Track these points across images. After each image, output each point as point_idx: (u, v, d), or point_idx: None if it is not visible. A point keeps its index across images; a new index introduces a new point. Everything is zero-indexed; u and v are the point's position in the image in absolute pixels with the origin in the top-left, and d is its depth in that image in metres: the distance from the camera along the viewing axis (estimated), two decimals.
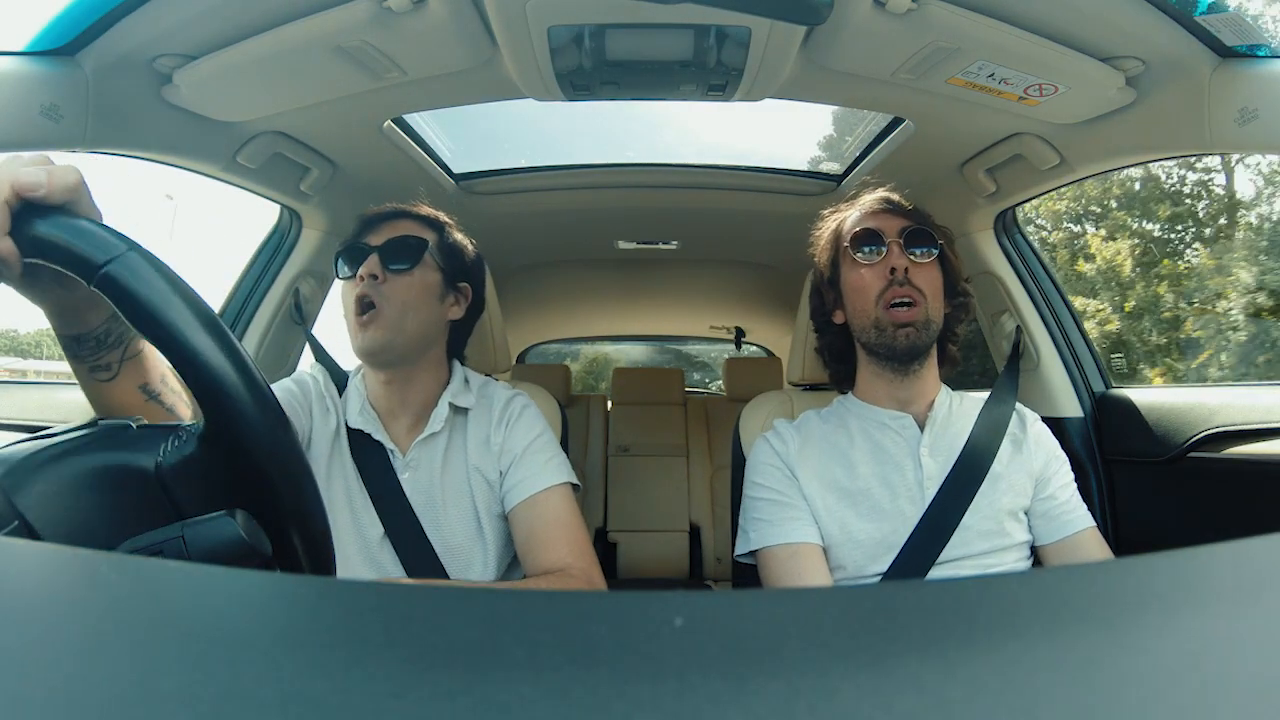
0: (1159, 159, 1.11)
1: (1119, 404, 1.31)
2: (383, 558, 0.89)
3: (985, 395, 1.02)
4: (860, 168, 1.45)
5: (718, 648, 0.19)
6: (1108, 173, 1.23)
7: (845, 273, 0.97)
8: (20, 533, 0.36)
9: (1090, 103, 1.00)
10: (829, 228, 1.03)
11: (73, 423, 0.44)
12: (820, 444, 0.95)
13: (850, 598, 0.26)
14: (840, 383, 1.05)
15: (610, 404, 2.65)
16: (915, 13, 0.85)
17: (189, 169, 1.13)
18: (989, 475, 0.91)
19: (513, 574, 0.95)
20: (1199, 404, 1.14)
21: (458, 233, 1.02)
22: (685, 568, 2.34)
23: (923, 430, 0.94)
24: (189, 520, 0.40)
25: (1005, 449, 0.94)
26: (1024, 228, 1.46)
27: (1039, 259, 1.44)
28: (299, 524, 0.42)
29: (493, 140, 1.59)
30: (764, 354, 3.21)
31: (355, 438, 0.93)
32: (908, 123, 1.21)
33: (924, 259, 0.93)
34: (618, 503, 2.39)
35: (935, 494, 0.89)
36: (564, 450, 0.99)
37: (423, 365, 0.95)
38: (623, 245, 2.00)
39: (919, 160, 1.31)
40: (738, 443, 1.11)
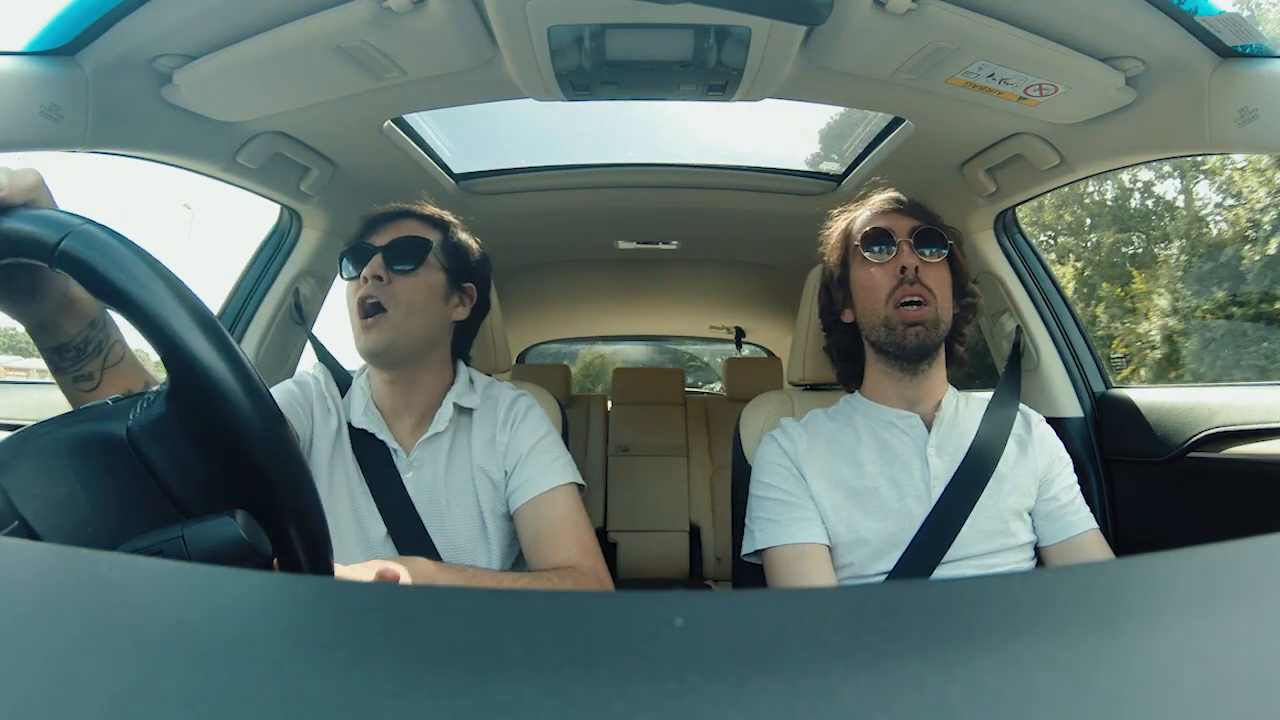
0: (1159, 159, 1.11)
1: (1119, 404, 1.31)
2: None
3: (989, 396, 1.02)
4: (860, 168, 1.45)
5: (718, 648, 0.19)
6: (1108, 172, 1.23)
7: (855, 271, 0.97)
8: (20, 532, 0.36)
9: (1090, 103, 1.00)
10: (838, 227, 1.03)
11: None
12: (828, 442, 0.95)
13: (850, 598, 0.26)
14: (848, 382, 1.05)
15: (610, 404, 2.65)
16: (915, 13, 0.85)
17: (189, 169, 1.13)
18: (994, 476, 0.91)
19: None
20: (1199, 404, 1.14)
21: (462, 232, 1.01)
22: (685, 568, 2.34)
23: (930, 430, 0.94)
24: (189, 520, 0.40)
25: (1010, 449, 0.94)
26: (1024, 228, 1.46)
27: (1039, 259, 1.44)
28: (274, 487, 0.41)
29: (493, 140, 1.59)
30: (764, 354, 3.21)
31: (359, 437, 0.93)
32: (908, 123, 1.21)
33: (934, 259, 0.93)
34: (618, 503, 2.39)
35: (941, 494, 0.89)
36: None
37: (427, 366, 0.95)
38: (623, 245, 1.99)
39: (919, 160, 1.31)
40: (738, 443, 1.11)
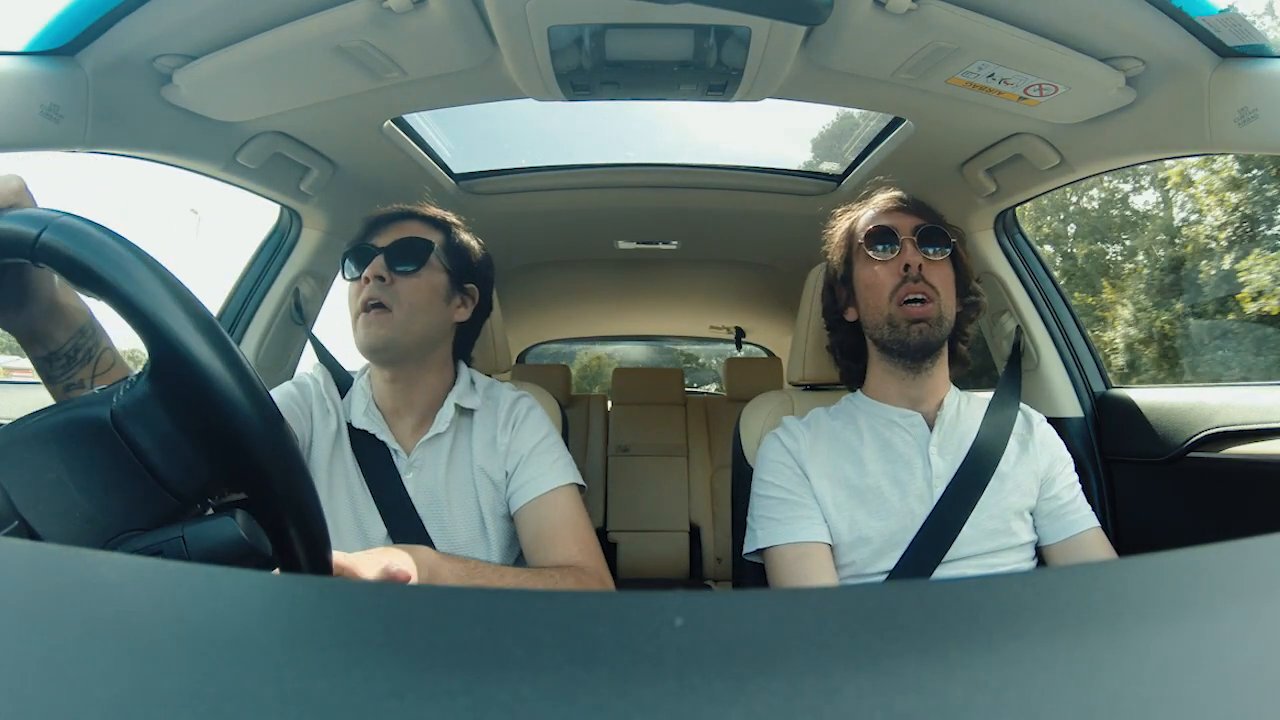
0: (1159, 159, 1.11)
1: (1119, 404, 1.31)
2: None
3: (990, 396, 1.02)
4: (860, 168, 1.45)
5: (718, 648, 0.19)
6: (1107, 172, 1.22)
7: (859, 269, 0.98)
8: (20, 532, 0.36)
9: (1090, 103, 1.00)
10: (842, 225, 1.04)
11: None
12: (830, 441, 0.95)
13: (851, 598, 0.26)
14: (850, 381, 1.05)
15: (610, 404, 2.65)
16: (915, 13, 0.85)
17: (189, 169, 1.13)
18: (996, 475, 0.91)
19: None
20: (1199, 404, 1.14)
21: (465, 233, 1.01)
22: (685, 568, 2.34)
23: (932, 429, 0.94)
24: (189, 520, 0.40)
25: (1012, 449, 0.94)
26: (1024, 228, 1.46)
27: (1039, 259, 1.44)
28: (253, 461, 0.41)
29: (493, 140, 1.59)
30: (764, 354, 3.21)
31: (359, 438, 0.93)
32: (908, 123, 1.21)
33: (937, 257, 0.93)
34: (618, 503, 2.39)
35: (942, 493, 0.90)
36: None
37: (427, 366, 0.95)
38: (623, 245, 1.99)
39: (919, 160, 1.31)
40: (738, 443, 1.11)
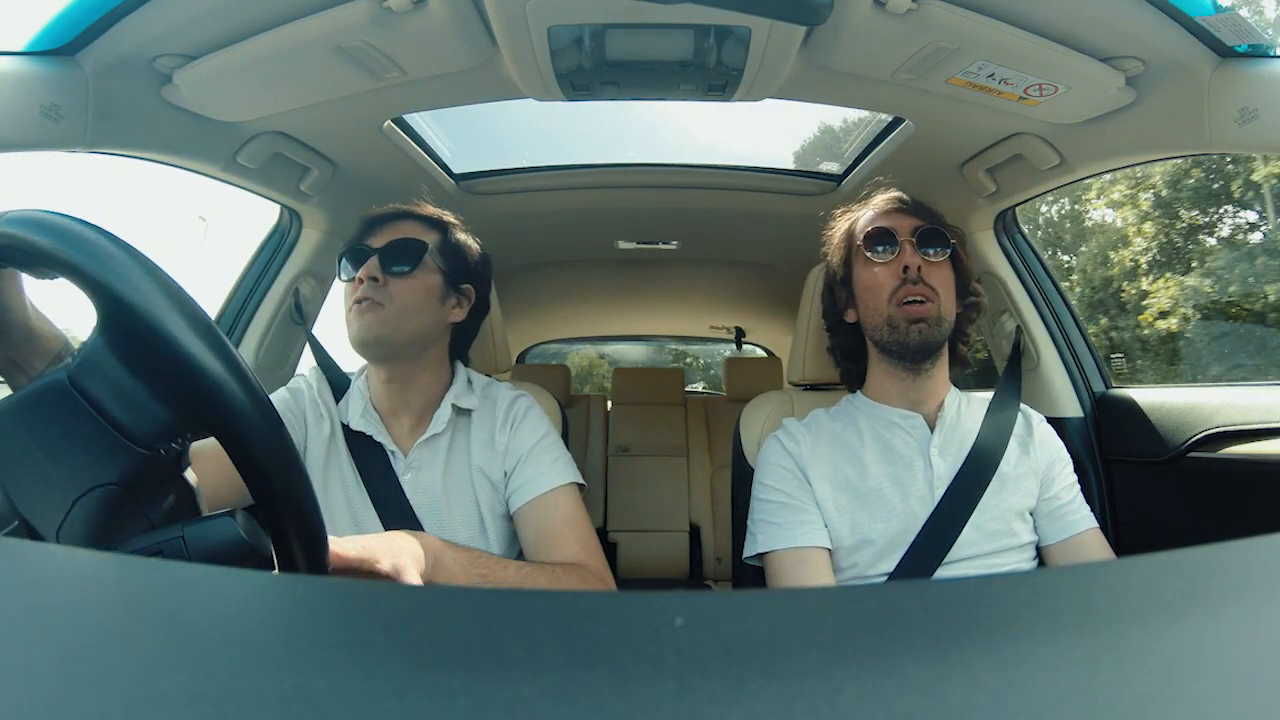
0: (1159, 159, 1.11)
1: (1119, 404, 1.31)
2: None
3: (990, 396, 1.02)
4: (860, 168, 1.45)
5: (718, 648, 0.19)
6: (1107, 172, 1.22)
7: (858, 271, 0.97)
8: (20, 532, 0.36)
9: (1090, 103, 1.00)
10: (841, 227, 1.03)
11: None
12: (831, 443, 0.95)
13: (850, 598, 0.26)
14: (851, 383, 1.05)
15: (610, 404, 2.65)
16: (915, 13, 0.85)
17: (189, 169, 1.13)
18: (996, 475, 0.91)
19: None
20: (1199, 404, 1.14)
21: (461, 233, 1.01)
22: (685, 568, 2.34)
23: (933, 430, 0.94)
24: (189, 520, 0.40)
25: (1013, 449, 0.94)
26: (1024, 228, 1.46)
27: (1039, 259, 1.44)
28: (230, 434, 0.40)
29: (493, 140, 1.59)
30: (764, 354, 3.21)
31: (356, 439, 0.93)
32: (908, 123, 1.21)
33: (937, 258, 0.93)
34: (618, 503, 2.39)
35: (943, 494, 0.89)
36: None
37: (423, 365, 0.95)
38: (623, 245, 1.99)
39: (919, 160, 1.31)
40: (738, 443, 1.11)
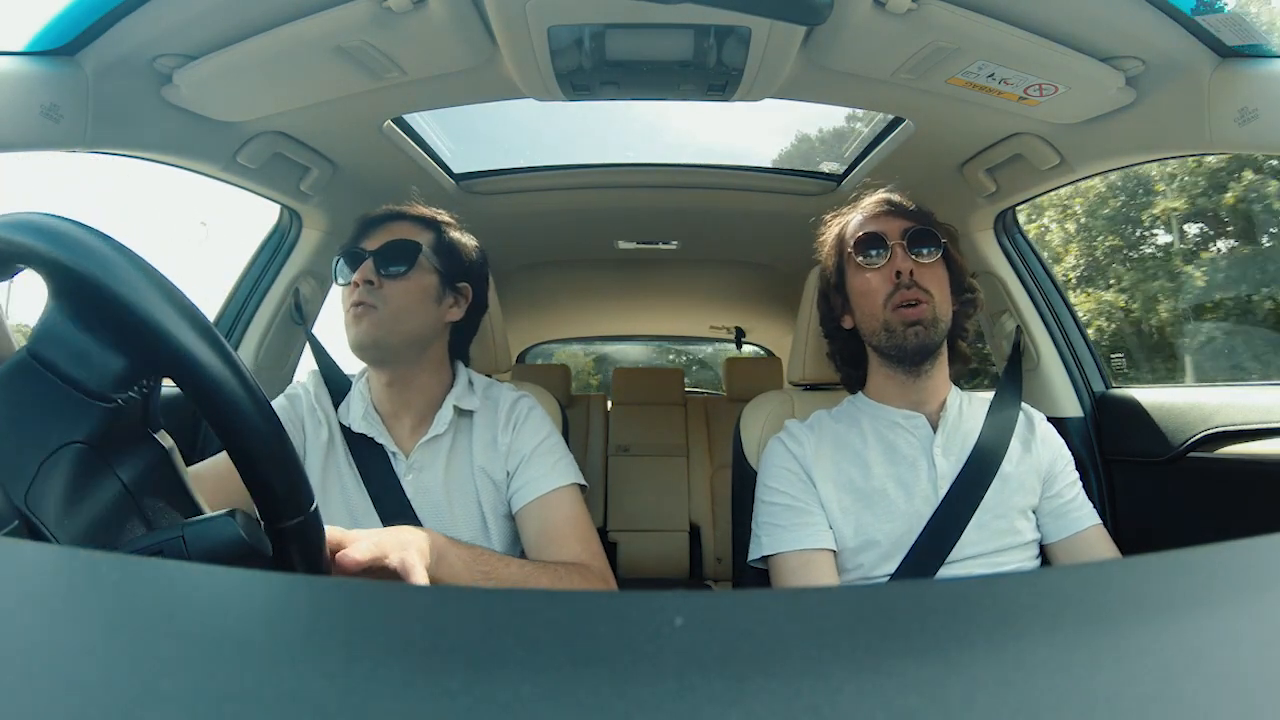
0: (1159, 159, 1.11)
1: (1119, 404, 1.31)
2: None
3: (990, 395, 1.02)
4: (860, 168, 1.45)
5: (718, 648, 0.19)
6: (1107, 172, 1.22)
7: (851, 278, 0.97)
8: (20, 532, 0.36)
9: (1090, 103, 1.00)
10: (831, 233, 1.03)
11: None
12: (834, 444, 0.95)
13: (851, 598, 0.26)
14: (852, 386, 1.05)
15: (610, 404, 2.65)
16: (915, 13, 0.85)
17: (189, 169, 1.13)
18: (999, 474, 0.91)
19: None
20: (1199, 404, 1.14)
21: (456, 232, 1.01)
22: (685, 568, 2.34)
23: (935, 430, 0.94)
24: (189, 520, 0.40)
25: (1014, 448, 0.94)
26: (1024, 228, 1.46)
27: (1039, 259, 1.44)
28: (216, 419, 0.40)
29: (493, 140, 1.59)
30: (764, 354, 3.21)
31: (358, 441, 0.93)
32: (908, 123, 1.21)
33: (928, 259, 0.93)
34: (618, 503, 2.39)
35: (946, 492, 0.90)
36: None
37: (422, 366, 0.95)
38: (623, 245, 1.99)
39: (919, 160, 1.31)
40: (738, 443, 1.11)
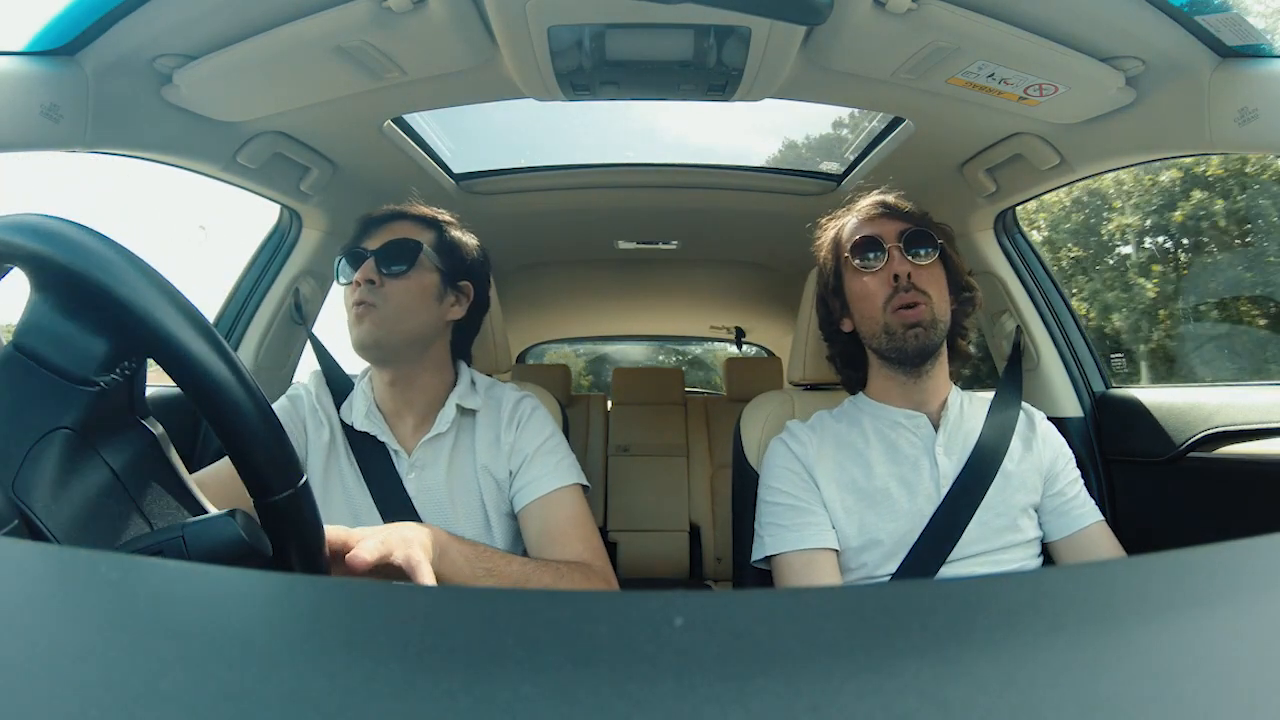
0: (1159, 159, 1.11)
1: (1119, 404, 1.31)
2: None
3: (991, 395, 1.02)
4: (860, 168, 1.45)
5: (718, 648, 0.19)
6: (1107, 172, 1.22)
7: (849, 281, 0.97)
8: (20, 532, 0.36)
9: (1090, 103, 1.00)
10: (828, 236, 1.03)
11: None
12: (836, 444, 0.95)
13: (851, 598, 0.26)
14: (852, 388, 1.05)
15: (610, 404, 2.65)
16: (915, 13, 0.85)
17: (189, 169, 1.13)
18: (1001, 472, 0.91)
19: None
20: (1199, 404, 1.14)
21: (456, 230, 1.01)
22: (685, 568, 2.34)
23: (937, 429, 0.94)
24: (189, 520, 0.40)
25: (1016, 446, 0.95)
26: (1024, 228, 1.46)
27: (1039, 259, 1.44)
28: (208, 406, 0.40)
29: (493, 140, 1.59)
30: (764, 354, 3.21)
31: (360, 440, 0.93)
32: (908, 123, 1.21)
33: (926, 260, 0.93)
34: (618, 503, 2.39)
35: (948, 491, 0.90)
36: None
37: (424, 365, 0.95)
38: (623, 245, 1.99)
39: (919, 160, 1.31)
40: (739, 443, 1.11)
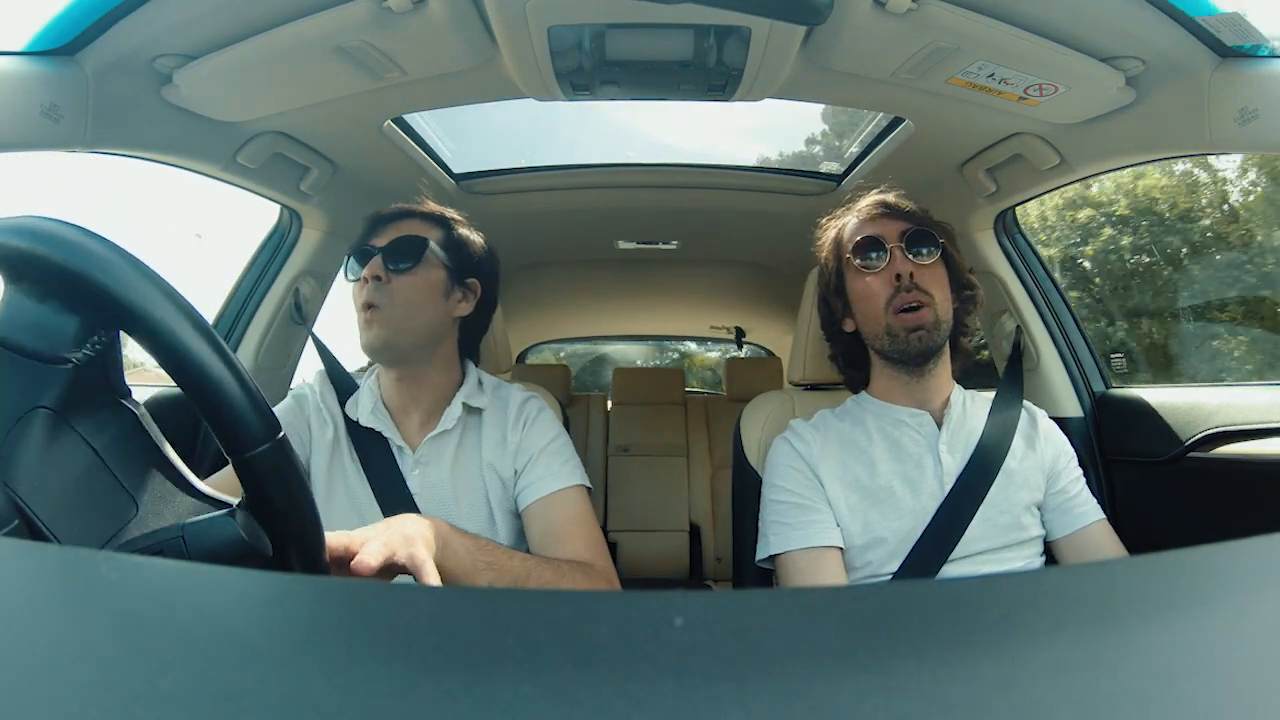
0: (1159, 159, 1.11)
1: (1119, 404, 1.31)
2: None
3: (992, 394, 1.02)
4: (860, 168, 1.45)
5: (718, 648, 0.19)
6: (1107, 172, 1.22)
7: (851, 282, 0.97)
8: (20, 532, 0.36)
9: (1090, 103, 1.00)
10: (829, 236, 1.03)
11: None
12: (840, 442, 0.95)
13: (850, 598, 0.26)
14: (855, 387, 1.04)
15: (610, 404, 2.65)
16: (915, 13, 0.85)
17: (189, 169, 1.13)
18: (1003, 470, 0.91)
19: None
20: (1199, 404, 1.14)
21: (464, 228, 1.01)
22: (685, 567, 2.34)
23: (940, 427, 0.94)
24: (189, 520, 0.40)
25: (1018, 445, 0.95)
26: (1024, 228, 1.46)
27: (1039, 259, 1.44)
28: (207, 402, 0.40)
29: (493, 140, 1.59)
30: (764, 354, 3.21)
31: (365, 436, 0.93)
32: (908, 123, 1.21)
33: (927, 259, 0.92)
34: (618, 503, 2.39)
35: (951, 489, 0.90)
36: None
37: (432, 363, 0.95)
38: (623, 245, 1.99)
39: (919, 160, 1.31)
40: (739, 443, 1.11)
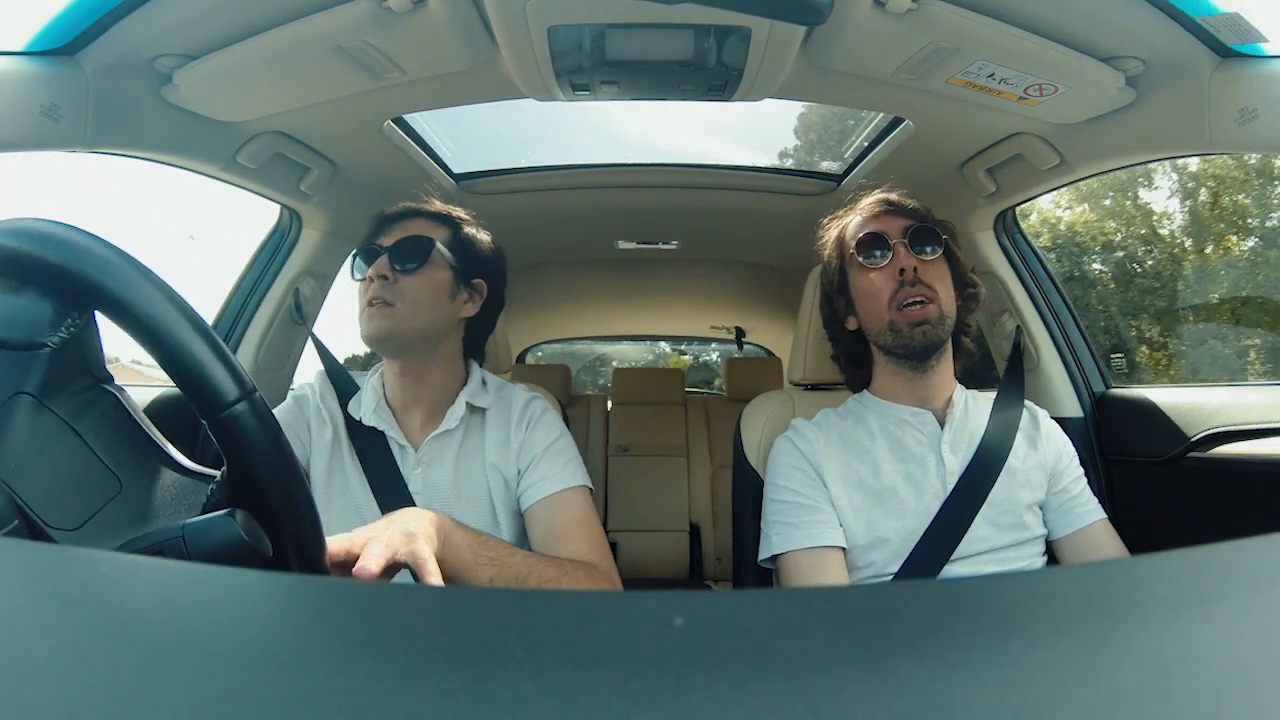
0: (1159, 159, 1.11)
1: (1119, 404, 1.31)
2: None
3: (993, 394, 1.02)
4: (860, 168, 1.45)
5: (718, 648, 0.19)
6: (1107, 172, 1.23)
7: (854, 279, 0.97)
8: (20, 532, 0.36)
9: (1090, 103, 1.00)
10: (831, 235, 1.03)
11: None
12: (842, 442, 0.95)
13: (851, 598, 0.26)
14: (856, 386, 1.04)
15: (610, 404, 2.65)
16: (915, 13, 0.85)
17: (189, 169, 1.13)
18: (1006, 470, 0.91)
19: None
20: (1199, 404, 1.14)
21: (471, 228, 1.01)
22: (685, 567, 2.34)
23: (943, 426, 0.94)
24: (189, 520, 0.40)
25: (1020, 444, 0.95)
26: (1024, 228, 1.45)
27: (1039, 259, 1.44)
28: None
29: (493, 140, 1.59)
30: (764, 354, 3.21)
31: (363, 436, 0.93)
32: (908, 123, 1.21)
33: (931, 256, 0.93)
34: (618, 503, 2.39)
35: (954, 488, 0.90)
36: None
37: (435, 361, 0.95)
38: (623, 245, 1.99)
39: (919, 160, 1.31)
40: (739, 443, 1.11)
